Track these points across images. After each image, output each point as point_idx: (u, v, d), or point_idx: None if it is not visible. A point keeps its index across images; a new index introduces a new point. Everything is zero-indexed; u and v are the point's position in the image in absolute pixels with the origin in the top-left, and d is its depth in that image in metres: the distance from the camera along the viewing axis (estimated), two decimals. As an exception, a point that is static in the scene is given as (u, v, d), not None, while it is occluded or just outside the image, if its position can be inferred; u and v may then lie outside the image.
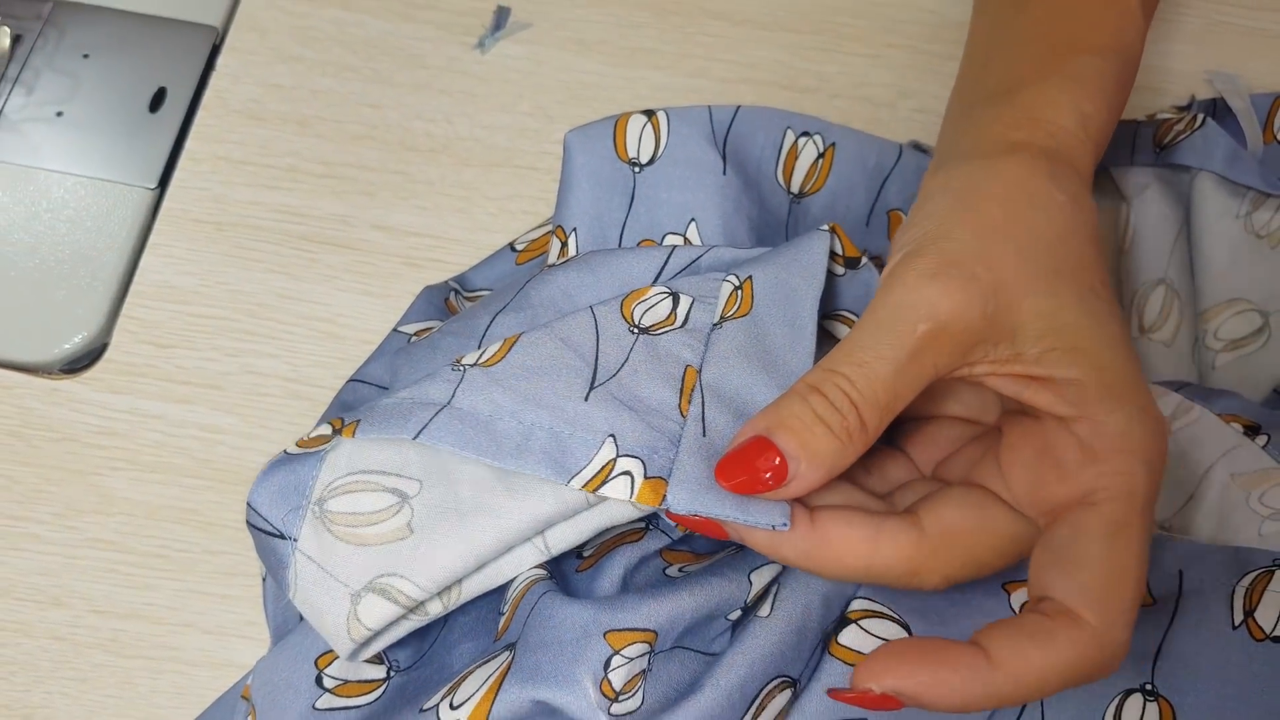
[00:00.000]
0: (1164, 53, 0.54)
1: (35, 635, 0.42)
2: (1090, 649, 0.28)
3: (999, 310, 0.30)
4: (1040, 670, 0.28)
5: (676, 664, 0.32)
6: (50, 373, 0.46)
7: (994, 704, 0.28)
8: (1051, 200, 0.32)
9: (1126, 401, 0.30)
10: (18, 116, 0.50)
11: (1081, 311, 0.30)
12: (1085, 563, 0.29)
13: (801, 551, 0.30)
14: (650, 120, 0.43)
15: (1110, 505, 0.29)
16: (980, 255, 0.30)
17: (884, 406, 0.29)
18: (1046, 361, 0.30)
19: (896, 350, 0.29)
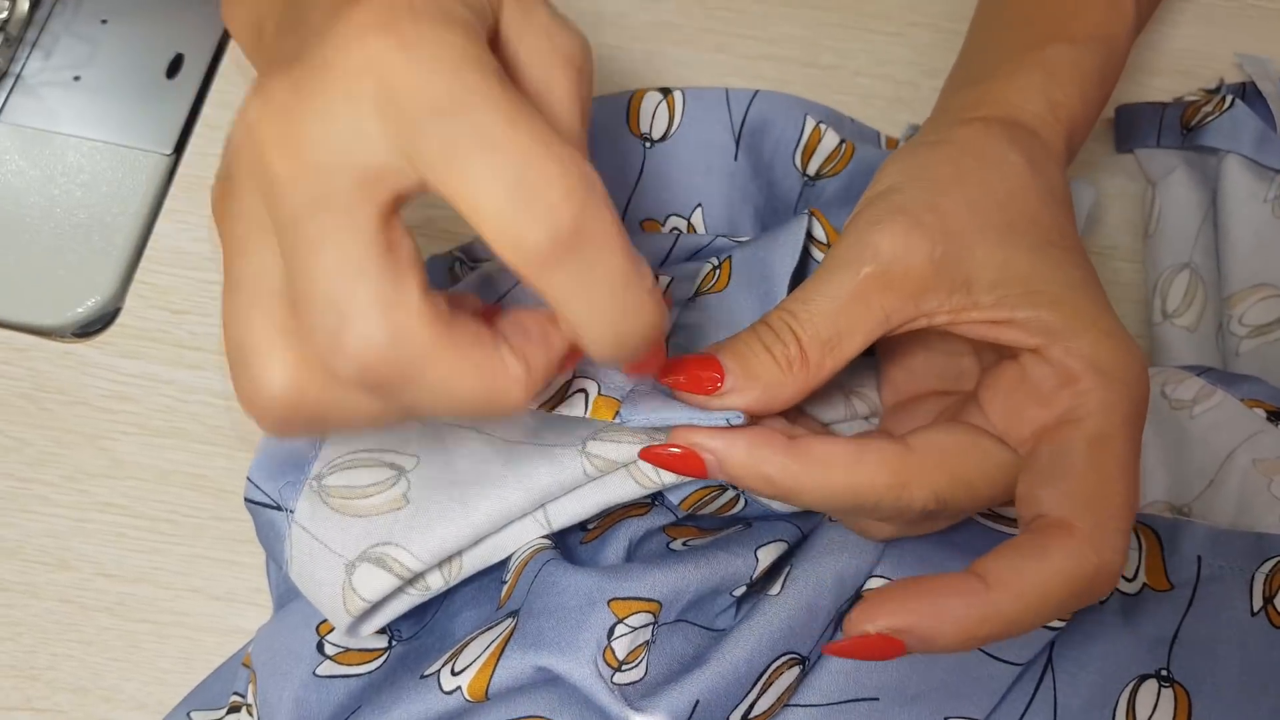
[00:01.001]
0: (1193, 36, 0.53)
1: (43, 597, 0.42)
2: (1085, 555, 0.27)
3: (947, 257, 0.30)
4: (1038, 584, 0.27)
5: (680, 637, 0.32)
6: (63, 336, 0.46)
7: (998, 630, 0.26)
8: (1005, 160, 0.32)
9: (1093, 327, 0.29)
10: (35, 80, 0.50)
11: (1036, 259, 0.30)
12: (1069, 473, 0.28)
13: (783, 468, 0.29)
14: (666, 98, 0.43)
15: (1090, 419, 0.29)
16: (929, 205, 0.30)
17: (825, 340, 0.30)
18: (1004, 305, 0.30)
19: (839, 289, 0.30)
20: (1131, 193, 0.50)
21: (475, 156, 0.22)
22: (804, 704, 0.33)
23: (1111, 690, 0.34)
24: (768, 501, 0.34)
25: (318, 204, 0.23)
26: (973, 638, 0.26)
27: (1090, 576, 0.27)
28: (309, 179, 0.23)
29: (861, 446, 0.29)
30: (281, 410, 0.24)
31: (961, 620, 0.26)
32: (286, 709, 0.34)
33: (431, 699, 0.31)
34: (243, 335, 0.24)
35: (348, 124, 0.22)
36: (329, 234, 0.22)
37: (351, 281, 0.22)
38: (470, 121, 0.22)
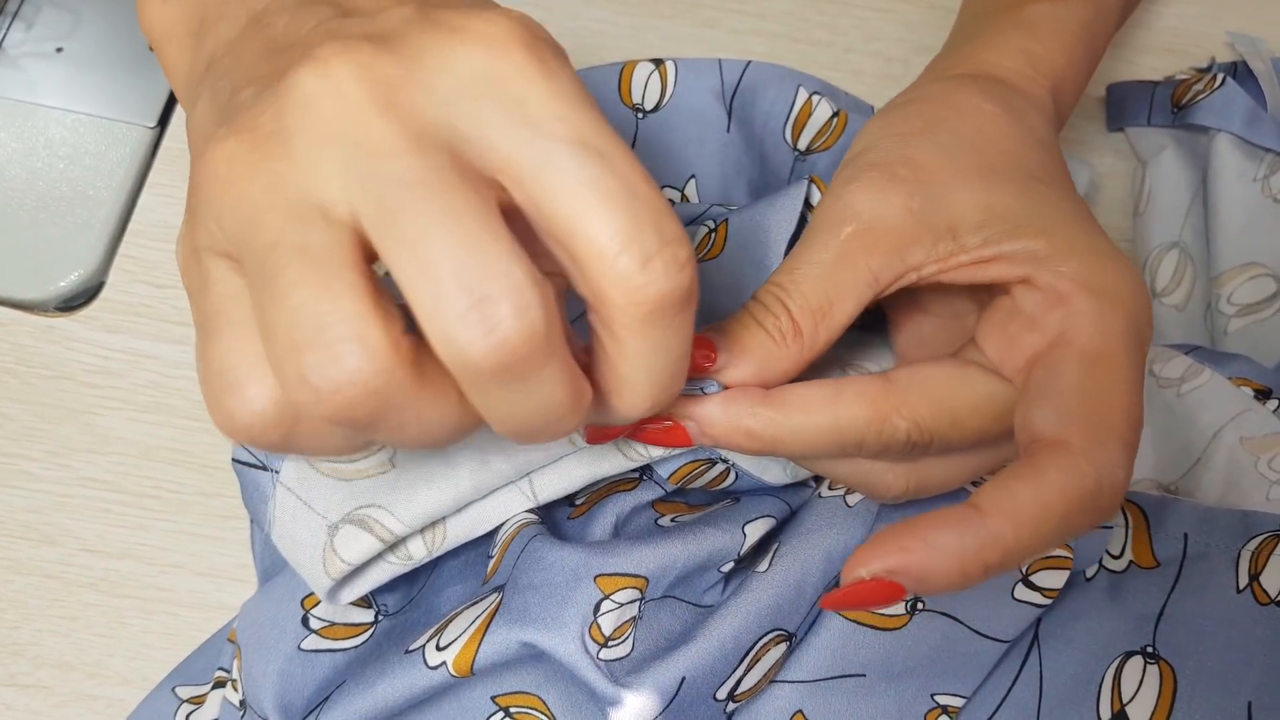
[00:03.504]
0: (1184, 14, 0.53)
1: (26, 573, 0.42)
2: (1083, 471, 0.25)
3: (927, 207, 0.29)
4: (1035, 506, 0.25)
5: (667, 613, 0.32)
6: (46, 310, 0.46)
7: (997, 559, 0.25)
8: (978, 108, 0.32)
9: (1083, 248, 0.29)
10: (17, 52, 0.50)
11: (1020, 196, 0.30)
12: (1062, 390, 0.27)
13: (762, 419, 0.28)
14: (658, 68, 0.42)
15: (1084, 338, 0.27)
16: (902, 158, 0.30)
17: (816, 309, 0.29)
18: (990, 244, 0.29)
19: (822, 254, 0.29)
20: (1121, 171, 0.50)
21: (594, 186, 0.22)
22: (790, 680, 0.33)
23: (1097, 667, 0.34)
24: (760, 474, 0.34)
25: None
26: (972, 570, 0.25)
27: (1090, 492, 0.25)
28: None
29: (839, 384, 0.29)
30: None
31: (958, 553, 0.25)
32: (271, 683, 0.34)
33: (416, 674, 0.31)
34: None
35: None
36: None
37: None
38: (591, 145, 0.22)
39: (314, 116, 0.21)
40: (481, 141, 0.21)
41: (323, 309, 0.21)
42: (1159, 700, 0.33)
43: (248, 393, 0.23)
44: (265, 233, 0.21)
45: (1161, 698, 0.33)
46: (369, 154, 0.21)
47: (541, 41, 0.22)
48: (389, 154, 0.21)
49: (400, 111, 0.21)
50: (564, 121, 0.22)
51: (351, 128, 0.21)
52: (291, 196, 0.21)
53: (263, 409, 0.23)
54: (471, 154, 0.22)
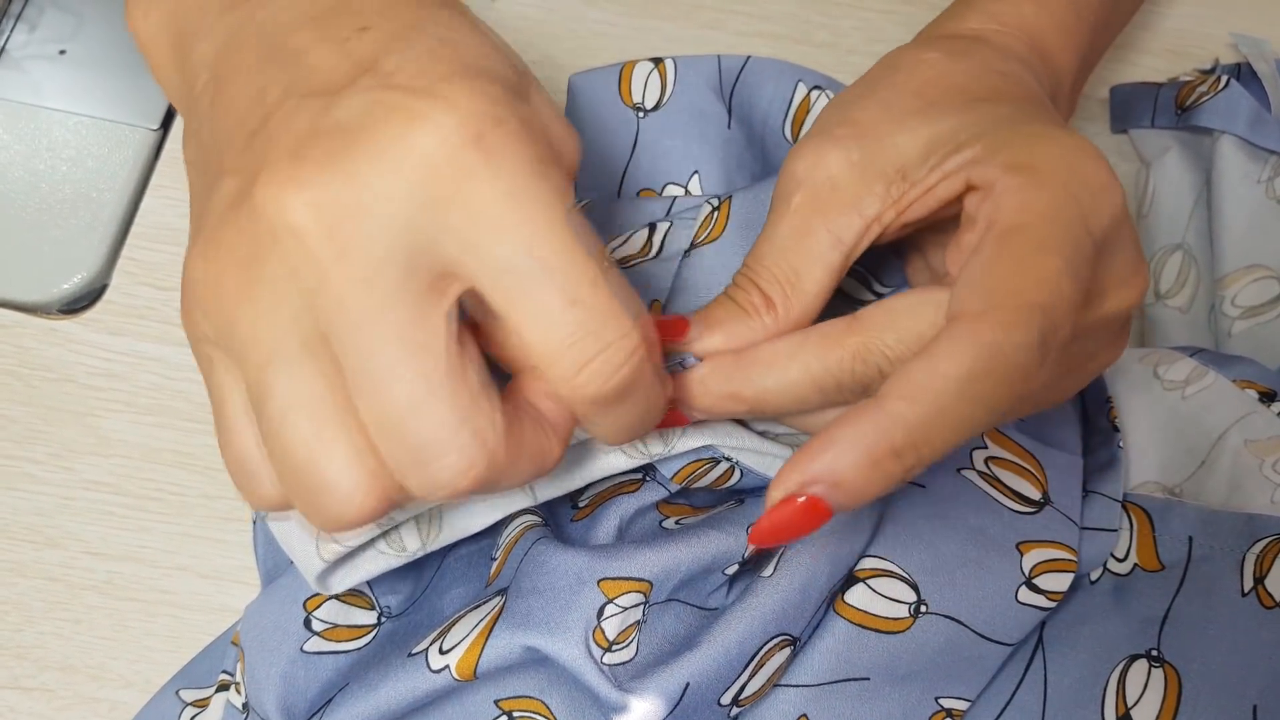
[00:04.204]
0: (1188, 16, 0.52)
1: (29, 575, 0.42)
2: (976, 336, 0.24)
3: (869, 157, 0.29)
4: (929, 379, 0.24)
5: (672, 617, 0.32)
6: (48, 313, 0.46)
7: (907, 443, 0.24)
8: (917, 59, 0.32)
9: (1017, 138, 0.28)
10: (20, 54, 0.50)
11: (961, 116, 0.29)
12: (971, 270, 0.26)
13: (736, 379, 0.29)
14: (657, 67, 0.42)
15: (1004, 217, 0.26)
16: (839, 121, 0.31)
17: (783, 280, 0.29)
18: (939, 168, 0.29)
19: (778, 226, 0.30)
20: (1125, 173, 0.50)
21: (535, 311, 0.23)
22: (794, 684, 0.33)
23: (1101, 670, 0.34)
24: (765, 470, 0.34)
25: (382, 313, 0.23)
26: (882, 458, 0.24)
27: (988, 354, 0.24)
28: (369, 291, 0.22)
29: (805, 330, 0.29)
30: (365, 520, 0.25)
31: (864, 445, 0.24)
32: (274, 685, 0.34)
33: (419, 677, 0.31)
34: (315, 460, 0.24)
35: (408, 228, 0.23)
36: (403, 355, 0.23)
37: (436, 410, 0.23)
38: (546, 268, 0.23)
39: (276, 252, 0.23)
40: (432, 248, 0.23)
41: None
42: (1164, 704, 0.33)
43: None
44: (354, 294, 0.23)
45: (1166, 701, 0.33)
46: (324, 291, 0.22)
47: (495, 130, 0.23)
48: (344, 293, 0.22)
49: (352, 244, 0.22)
50: (509, 232, 0.23)
51: (309, 267, 0.22)
52: (262, 330, 0.23)
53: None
54: (424, 260, 0.23)
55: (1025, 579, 0.33)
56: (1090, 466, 0.37)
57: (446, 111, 0.22)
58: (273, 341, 0.23)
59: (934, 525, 0.34)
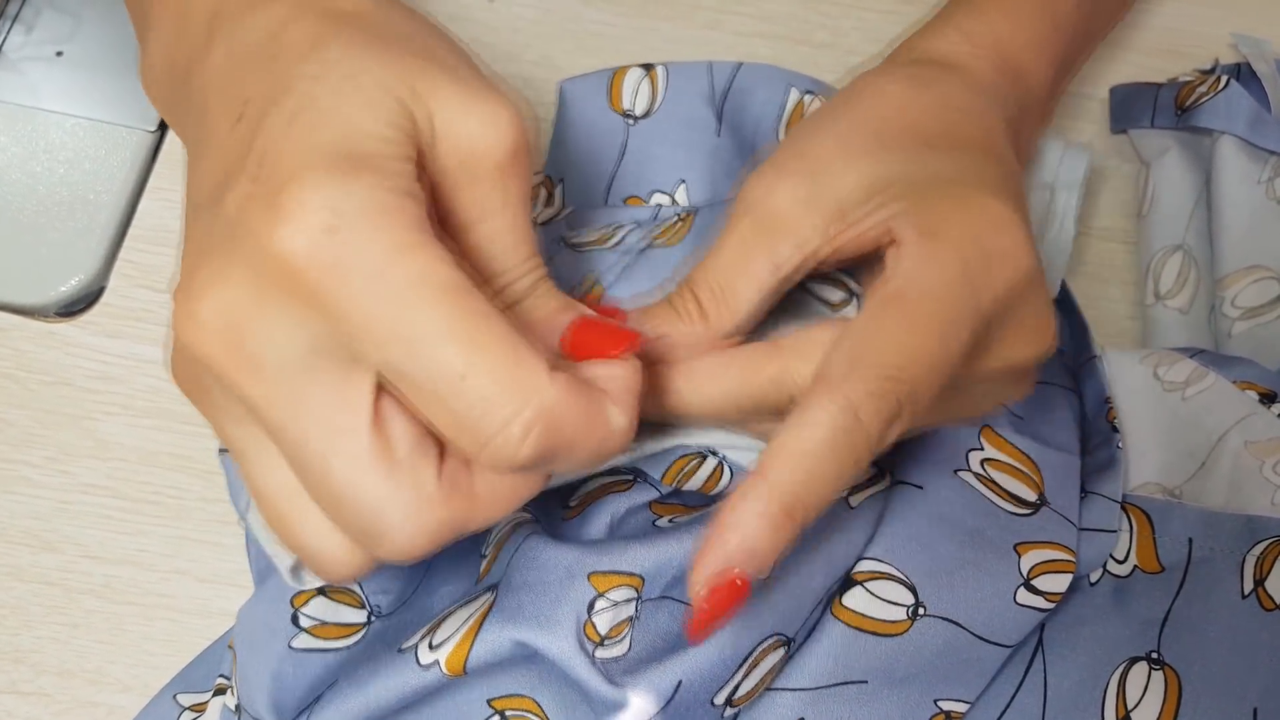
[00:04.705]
0: (1188, 16, 0.52)
1: (27, 579, 0.42)
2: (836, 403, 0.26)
3: (815, 194, 0.30)
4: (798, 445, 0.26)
5: (665, 614, 0.32)
6: (46, 316, 0.46)
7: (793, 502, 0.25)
8: (878, 91, 0.33)
9: (935, 197, 0.29)
10: (17, 55, 0.50)
11: (904, 164, 0.31)
12: (851, 327, 0.28)
13: (664, 384, 0.30)
14: (648, 74, 0.42)
15: (891, 282, 0.28)
16: (795, 154, 0.32)
17: (718, 294, 0.30)
18: (874, 214, 0.30)
19: (724, 244, 0.31)
20: (1125, 174, 0.49)
21: (425, 400, 0.24)
22: (792, 688, 0.33)
23: (1102, 672, 0.34)
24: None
25: (306, 427, 0.24)
26: (783, 524, 0.25)
27: (847, 420, 0.26)
28: (280, 400, 0.24)
29: (732, 351, 0.30)
30: (363, 574, 0.27)
31: (763, 516, 0.25)
32: (264, 683, 0.34)
33: (409, 673, 0.31)
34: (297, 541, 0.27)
35: (297, 336, 0.24)
36: (328, 446, 0.24)
37: (368, 492, 0.24)
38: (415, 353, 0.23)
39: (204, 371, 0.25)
40: (332, 341, 0.24)
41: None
42: (1164, 706, 0.33)
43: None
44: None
45: (1166, 704, 0.33)
46: (246, 401, 0.24)
47: (323, 243, 0.23)
48: (258, 403, 0.24)
49: (251, 358, 0.24)
50: (374, 331, 0.23)
51: (227, 384, 0.24)
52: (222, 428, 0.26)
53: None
54: (327, 353, 0.24)
55: (1024, 580, 0.33)
56: (1089, 467, 0.37)
57: (287, 222, 0.23)
58: (233, 440, 0.26)
59: (932, 527, 0.34)
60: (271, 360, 0.24)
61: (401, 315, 0.23)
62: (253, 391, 0.24)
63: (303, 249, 0.23)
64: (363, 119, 0.25)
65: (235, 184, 0.24)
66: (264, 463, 0.26)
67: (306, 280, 0.23)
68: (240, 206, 0.24)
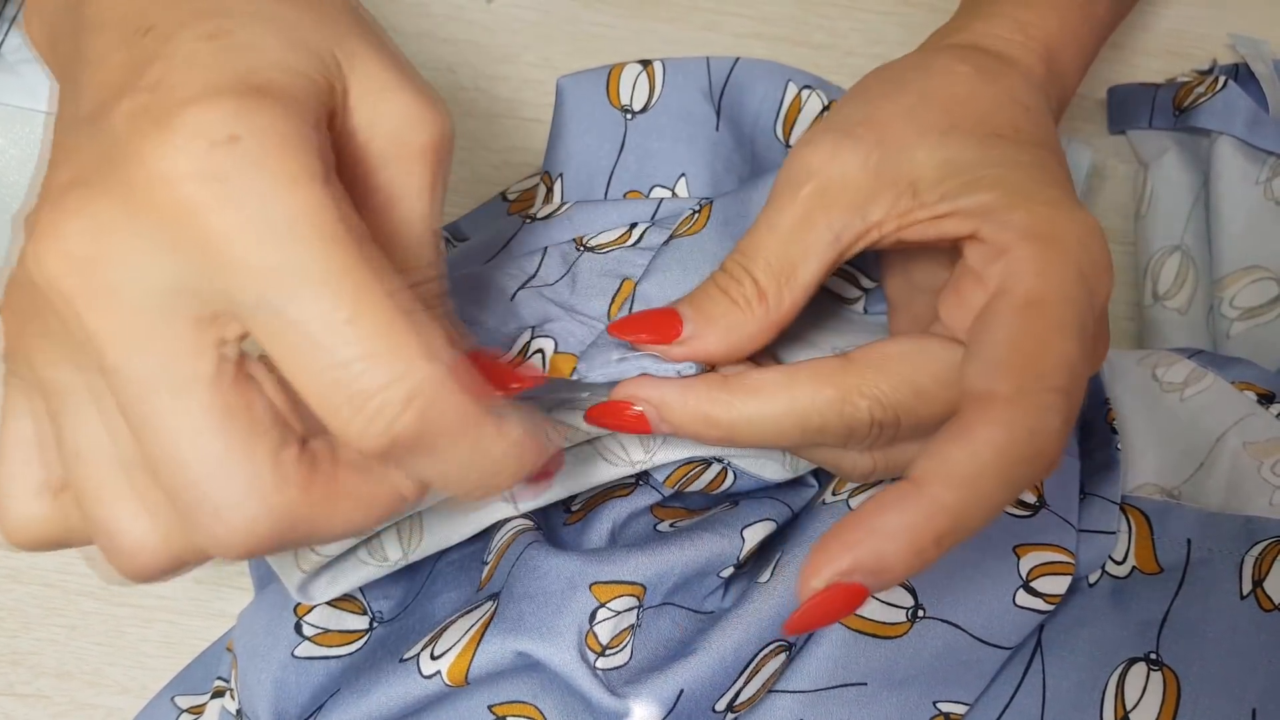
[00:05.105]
0: (1186, 16, 0.52)
1: (25, 581, 0.42)
2: (1013, 422, 0.24)
3: (885, 164, 0.29)
4: (970, 466, 0.24)
5: (667, 621, 0.32)
6: (44, 318, 0.45)
7: (948, 529, 0.24)
8: (949, 70, 0.31)
9: (1034, 199, 0.28)
10: (15, 57, 0.50)
11: (979, 151, 0.29)
12: (995, 342, 0.26)
13: (720, 404, 0.28)
14: (646, 69, 0.42)
15: (1021, 286, 0.26)
16: (862, 119, 0.30)
17: (779, 271, 0.29)
18: (949, 198, 0.28)
19: (781, 216, 0.29)
20: (1123, 174, 0.49)
21: (299, 348, 0.21)
22: (792, 690, 0.33)
23: (1100, 674, 0.33)
24: (758, 471, 0.34)
25: (148, 370, 0.21)
26: (925, 546, 0.24)
27: (1023, 442, 0.24)
28: (128, 338, 0.21)
29: (799, 368, 0.28)
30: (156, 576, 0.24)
31: (905, 532, 0.24)
32: (266, 691, 0.34)
33: (411, 683, 0.31)
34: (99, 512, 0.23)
35: (162, 271, 0.21)
36: (170, 406, 0.21)
37: (209, 455, 0.21)
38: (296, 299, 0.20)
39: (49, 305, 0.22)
40: (194, 289, 0.21)
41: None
42: (1162, 707, 0.32)
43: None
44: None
45: (1165, 705, 0.33)
46: (90, 341, 0.21)
47: (213, 158, 0.21)
48: (104, 341, 0.21)
49: (105, 293, 0.21)
50: (242, 272, 0.21)
51: (73, 320, 0.21)
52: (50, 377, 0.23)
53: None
54: (186, 301, 0.21)
55: (1023, 582, 0.33)
56: (1088, 469, 0.37)
57: (176, 139, 0.21)
58: (52, 384, 0.23)
59: None
60: (129, 292, 0.21)
61: (290, 249, 0.20)
62: (99, 324, 0.21)
63: (187, 169, 0.20)
64: (279, 56, 0.23)
65: (127, 97, 0.22)
66: (82, 416, 0.23)
67: (186, 205, 0.20)
68: (129, 121, 0.21)
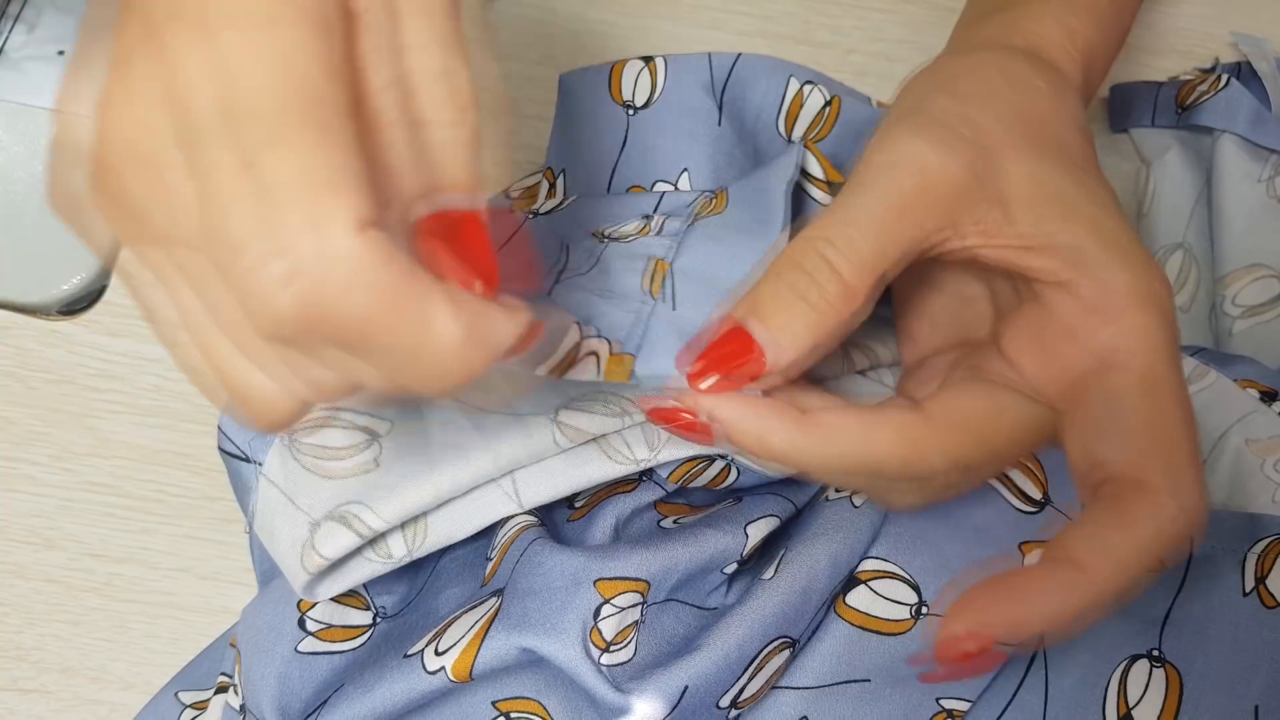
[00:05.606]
0: (1189, 15, 0.52)
1: (29, 577, 0.42)
2: (1169, 510, 0.25)
3: (986, 171, 0.28)
4: (1132, 555, 0.25)
5: (671, 617, 0.32)
6: (48, 314, 0.46)
7: (1099, 613, 0.25)
8: (1030, 84, 0.31)
9: (1131, 257, 0.27)
10: (19, 54, 0.50)
11: (1071, 180, 0.28)
12: (1132, 425, 0.26)
13: (793, 444, 0.27)
14: (648, 65, 0.42)
15: (1137, 361, 0.26)
16: (963, 117, 0.29)
17: (869, 265, 0.27)
18: (1043, 225, 0.27)
19: (883, 203, 0.27)
20: (1125, 172, 0.50)
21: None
22: (795, 686, 0.33)
23: (1103, 670, 0.33)
24: (762, 468, 0.34)
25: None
26: (1074, 626, 0.25)
27: (1180, 531, 0.25)
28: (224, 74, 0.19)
29: (876, 417, 0.27)
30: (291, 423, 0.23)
31: (1062, 611, 0.25)
32: (270, 686, 0.34)
33: (415, 678, 0.31)
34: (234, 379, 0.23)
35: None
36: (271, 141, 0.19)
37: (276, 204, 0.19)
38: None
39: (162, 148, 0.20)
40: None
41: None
42: (1165, 703, 0.33)
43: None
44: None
45: (1168, 701, 0.33)
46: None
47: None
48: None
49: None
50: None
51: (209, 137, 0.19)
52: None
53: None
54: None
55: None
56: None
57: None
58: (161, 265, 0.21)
59: (937, 526, 0.34)
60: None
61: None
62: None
63: None
64: None
65: None
66: (189, 288, 0.21)
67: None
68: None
